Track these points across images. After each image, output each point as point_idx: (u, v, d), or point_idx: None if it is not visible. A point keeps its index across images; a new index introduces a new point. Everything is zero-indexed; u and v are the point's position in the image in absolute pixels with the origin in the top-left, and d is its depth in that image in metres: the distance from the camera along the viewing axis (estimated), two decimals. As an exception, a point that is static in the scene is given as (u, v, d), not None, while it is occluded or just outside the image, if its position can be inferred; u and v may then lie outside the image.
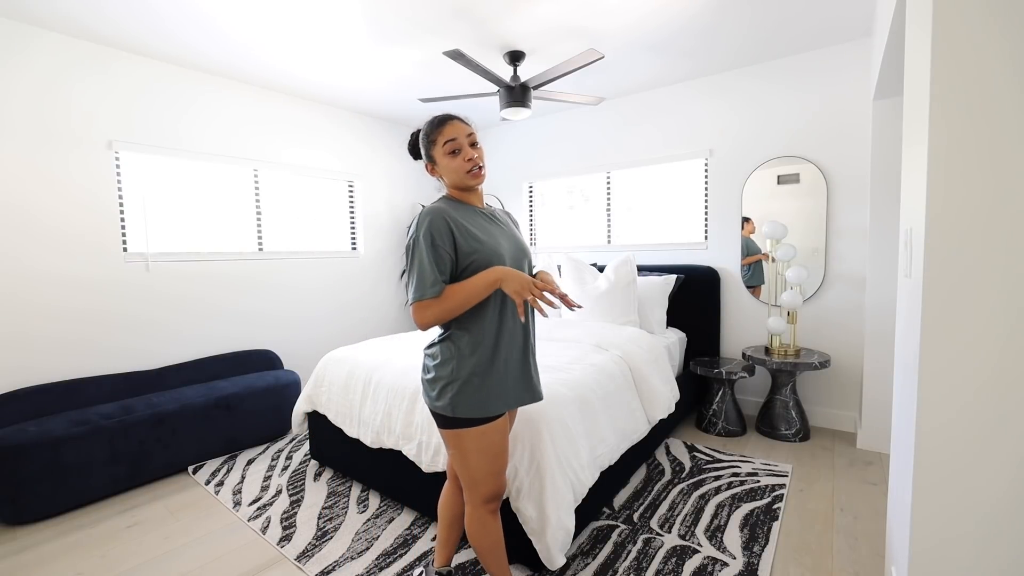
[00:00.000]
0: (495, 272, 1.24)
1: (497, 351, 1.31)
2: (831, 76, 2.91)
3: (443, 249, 1.24)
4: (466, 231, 1.28)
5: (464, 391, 1.28)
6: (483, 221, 1.36)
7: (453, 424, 1.31)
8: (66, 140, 2.58)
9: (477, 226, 1.32)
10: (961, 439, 1.07)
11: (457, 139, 1.32)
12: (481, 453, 1.32)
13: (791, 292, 2.84)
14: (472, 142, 1.34)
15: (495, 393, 1.30)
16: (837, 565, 1.75)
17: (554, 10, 2.39)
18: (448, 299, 1.24)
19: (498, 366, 1.31)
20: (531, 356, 1.41)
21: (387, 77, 3.26)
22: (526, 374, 1.38)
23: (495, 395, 1.30)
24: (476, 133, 1.37)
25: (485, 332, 1.30)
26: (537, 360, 1.47)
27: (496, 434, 1.33)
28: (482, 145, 1.38)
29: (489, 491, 1.36)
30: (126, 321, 2.81)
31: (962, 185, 1.04)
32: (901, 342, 1.41)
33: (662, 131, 3.59)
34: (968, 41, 1.01)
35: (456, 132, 1.32)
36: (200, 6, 2.29)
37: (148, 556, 1.90)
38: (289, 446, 2.93)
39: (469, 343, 1.30)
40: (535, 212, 4.44)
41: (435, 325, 1.27)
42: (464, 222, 1.30)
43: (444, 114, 1.36)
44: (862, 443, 2.72)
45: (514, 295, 1.22)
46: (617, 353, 2.46)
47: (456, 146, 1.32)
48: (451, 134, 1.32)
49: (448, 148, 1.32)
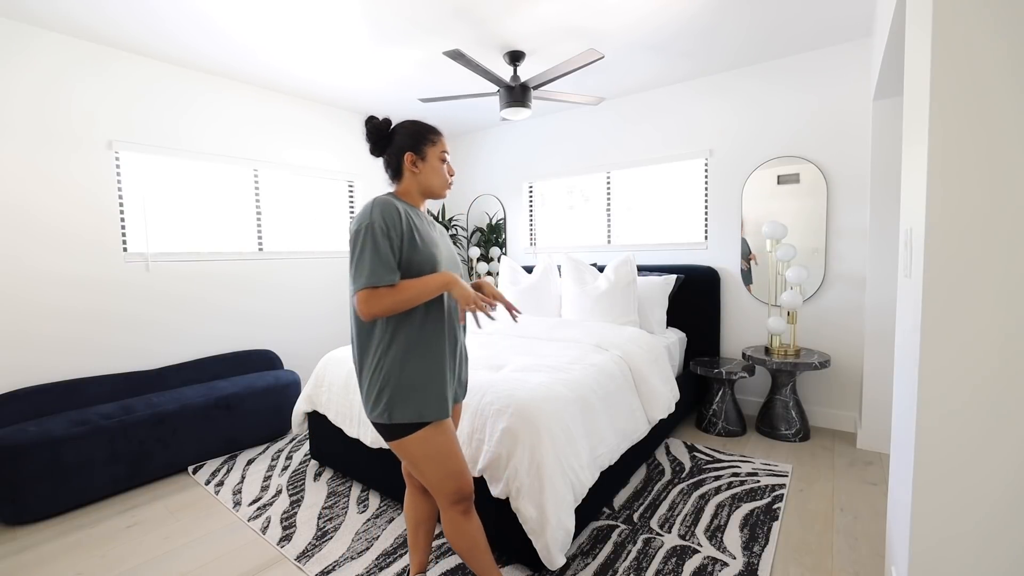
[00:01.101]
0: (446, 276, 1.26)
1: (431, 355, 1.28)
2: (831, 76, 2.91)
3: (395, 240, 1.23)
4: (417, 231, 1.30)
5: (397, 396, 1.25)
6: (427, 227, 1.39)
7: (393, 433, 1.28)
8: (66, 140, 2.58)
9: (424, 230, 1.35)
10: (961, 439, 1.07)
11: (448, 153, 1.44)
12: (429, 458, 1.29)
13: (791, 292, 2.84)
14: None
15: (432, 396, 1.27)
16: (837, 565, 1.75)
17: (554, 10, 2.39)
18: (403, 291, 1.20)
19: (432, 370, 1.28)
20: (460, 355, 1.44)
21: (387, 77, 3.26)
22: (456, 375, 1.42)
23: (432, 398, 1.27)
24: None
25: (417, 336, 1.27)
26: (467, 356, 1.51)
27: (440, 436, 1.29)
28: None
29: (452, 493, 1.32)
30: (126, 321, 2.81)
31: (962, 185, 1.04)
32: (901, 342, 1.41)
33: (662, 131, 3.59)
34: (968, 41, 1.01)
35: (447, 147, 1.49)
36: (200, 6, 2.29)
37: (148, 556, 1.90)
38: (289, 446, 2.93)
39: (401, 347, 1.26)
40: (535, 212, 4.44)
41: (382, 316, 1.20)
42: (418, 222, 1.33)
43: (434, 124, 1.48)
44: (862, 443, 2.72)
45: (461, 301, 1.25)
46: (617, 353, 2.46)
47: (447, 157, 1.44)
48: (446, 147, 1.43)
49: (442, 156, 1.41)
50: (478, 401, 1.84)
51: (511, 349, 2.58)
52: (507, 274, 3.69)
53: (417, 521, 1.57)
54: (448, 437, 1.32)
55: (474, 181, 4.80)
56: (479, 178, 4.76)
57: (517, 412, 1.72)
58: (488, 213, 4.70)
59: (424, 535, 1.58)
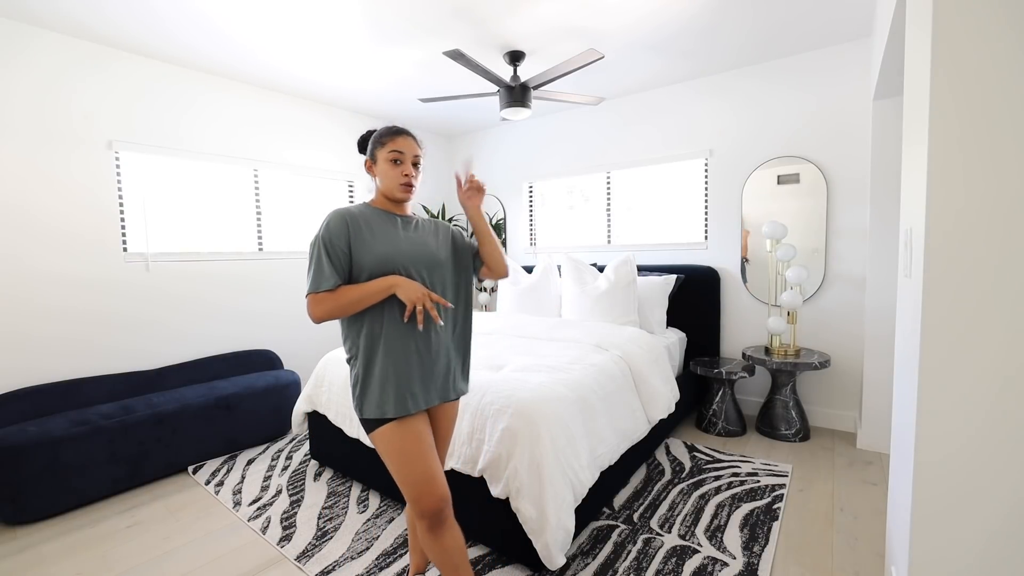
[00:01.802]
0: (389, 279, 1.28)
1: (394, 352, 1.31)
2: (831, 76, 2.91)
3: (339, 248, 1.29)
4: (363, 237, 1.32)
5: (365, 391, 1.31)
6: (392, 229, 1.37)
7: (365, 428, 1.33)
8: (66, 140, 2.58)
9: (381, 233, 1.35)
10: (961, 439, 1.07)
11: (404, 153, 1.38)
12: (390, 457, 1.30)
13: (791, 292, 2.84)
14: (415, 162, 1.40)
15: (392, 393, 1.29)
16: (837, 565, 1.75)
17: (554, 10, 2.39)
18: (341, 296, 1.27)
19: (396, 367, 1.30)
20: (440, 356, 1.38)
21: (387, 77, 3.26)
22: (430, 374, 1.36)
23: (392, 395, 1.29)
24: (422, 156, 1.43)
25: (382, 332, 1.31)
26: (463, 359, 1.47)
27: (402, 436, 1.29)
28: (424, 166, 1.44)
29: (413, 502, 1.30)
30: (126, 321, 2.81)
31: (962, 185, 1.04)
32: (901, 342, 1.41)
33: (662, 131, 3.59)
34: (968, 41, 1.01)
35: (405, 147, 1.38)
36: (200, 7, 2.29)
37: (148, 556, 1.90)
38: (289, 446, 2.93)
39: (365, 345, 1.31)
40: (535, 212, 4.44)
41: (327, 320, 1.29)
42: (367, 228, 1.34)
43: (402, 128, 1.41)
44: (862, 443, 2.72)
45: (407, 301, 1.26)
46: (617, 353, 2.46)
47: (399, 158, 1.38)
48: (401, 146, 1.38)
49: (392, 156, 1.37)
50: (478, 401, 1.85)
51: (511, 349, 2.58)
52: (507, 274, 3.68)
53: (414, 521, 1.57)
54: (411, 439, 1.30)
55: (474, 181, 4.80)
56: (479, 178, 4.75)
57: (517, 412, 1.72)
58: (488, 213, 4.70)
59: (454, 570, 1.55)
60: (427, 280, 1.37)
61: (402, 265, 1.33)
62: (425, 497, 1.29)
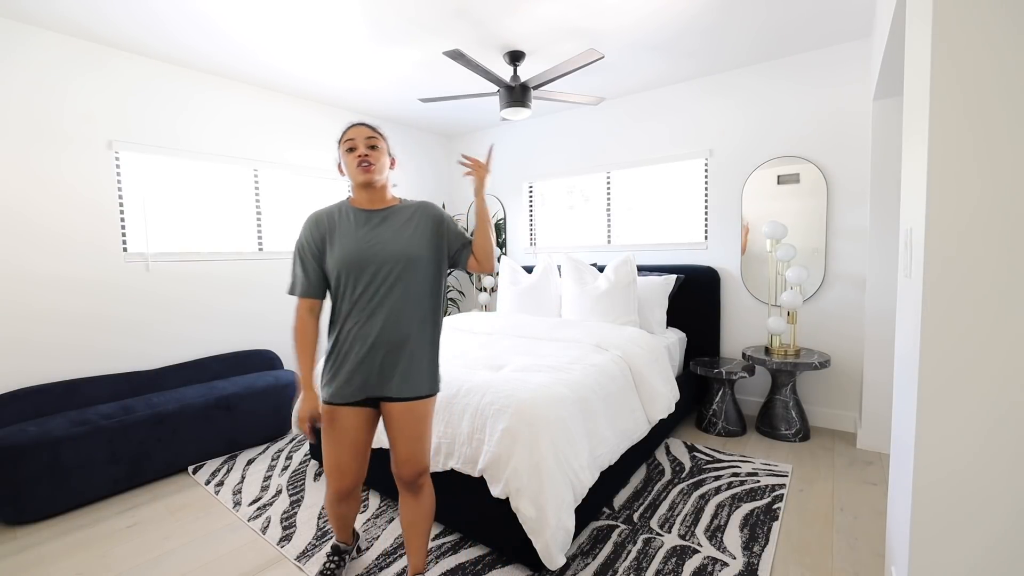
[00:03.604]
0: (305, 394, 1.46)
1: (338, 345, 1.45)
2: (831, 76, 2.91)
3: (310, 253, 1.46)
4: (331, 239, 1.45)
5: (323, 375, 1.49)
6: (353, 228, 1.44)
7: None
8: (66, 140, 2.58)
9: (342, 235, 1.44)
10: (961, 439, 1.07)
11: (355, 139, 1.44)
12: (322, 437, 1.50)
13: (791, 292, 2.84)
14: (371, 145, 1.45)
15: (333, 382, 1.45)
16: (837, 565, 1.75)
17: (554, 10, 2.39)
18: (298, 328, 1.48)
19: (338, 359, 1.44)
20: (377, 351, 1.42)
21: (387, 77, 3.26)
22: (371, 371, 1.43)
23: (332, 383, 1.45)
24: (381, 140, 1.48)
25: (333, 327, 1.48)
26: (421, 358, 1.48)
27: (328, 422, 1.46)
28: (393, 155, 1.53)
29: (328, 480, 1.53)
30: (126, 321, 2.81)
31: (962, 185, 1.04)
32: (901, 342, 1.41)
33: (662, 131, 3.59)
34: (968, 41, 1.01)
35: (355, 134, 1.45)
36: (199, 6, 2.29)
37: (148, 556, 1.90)
38: (289, 446, 2.93)
39: (329, 331, 1.50)
40: (535, 212, 4.44)
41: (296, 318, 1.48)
42: (333, 230, 1.45)
43: (355, 121, 1.50)
44: (862, 443, 2.72)
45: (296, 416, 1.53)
46: (617, 353, 2.46)
47: (353, 145, 1.44)
48: (351, 135, 1.45)
49: (346, 146, 1.45)
50: (478, 401, 1.84)
51: (511, 349, 2.58)
52: (507, 274, 3.69)
53: (407, 523, 1.57)
54: (339, 430, 1.46)
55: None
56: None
57: (517, 412, 1.72)
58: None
59: (415, 536, 1.57)
60: (375, 278, 1.41)
61: (353, 266, 1.41)
62: (335, 482, 1.52)
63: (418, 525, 1.57)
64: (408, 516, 1.57)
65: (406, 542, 1.59)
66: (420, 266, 1.46)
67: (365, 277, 1.41)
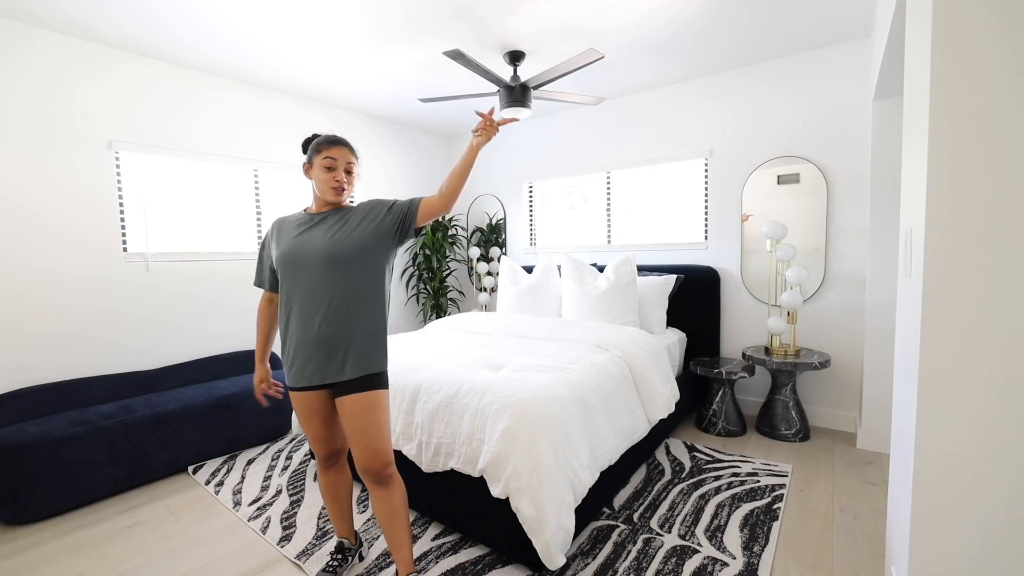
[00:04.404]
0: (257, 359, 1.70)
1: (287, 339, 1.55)
2: (831, 76, 2.91)
3: (264, 252, 1.64)
4: (277, 238, 1.57)
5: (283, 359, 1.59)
6: (301, 230, 1.54)
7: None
8: (67, 140, 2.58)
9: (289, 235, 1.54)
10: (961, 439, 1.07)
11: (337, 160, 1.52)
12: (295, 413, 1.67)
13: (791, 292, 2.84)
14: (348, 169, 1.55)
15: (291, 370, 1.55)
16: (837, 565, 1.75)
17: (554, 10, 2.39)
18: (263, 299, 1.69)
19: (289, 351, 1.55)
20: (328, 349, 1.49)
21: (387, 77, 3.26)
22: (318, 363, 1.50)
23: (290, 371, 1.55)
24: (357, 165, 1.58)
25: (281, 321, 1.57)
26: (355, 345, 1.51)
27: (293, 399, 1.59)
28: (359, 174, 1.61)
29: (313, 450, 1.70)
30: (126, 321, 2.81)
31: (962, 185, 1.04)
32: (901, 342, 1.41)
33: (662, 131, 3.59)
34: (968, 41, 1.01)
35: (339, 155, 1.52)
36: (201, 7, 2.29)
37: (148, 556, 1.90)
38: (289, 446, 2.93)
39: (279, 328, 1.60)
40: (535, 212, 4.44)
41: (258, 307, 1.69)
42: (283, 230, 1.57)
43: (338, 138, 1.54)
44: (862, 443, 2.72)
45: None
46: (617, 353, 2.46)
47: (332, 165, 1.52)
48: (335, 155, 1.52)
49: (326, 163, 1.52)
50: (478, 401, 1.84)
51: (511, 349, 2.58)
52: (507, 274, 3.69)
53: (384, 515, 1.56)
54: (297, 408, 1.60)
55: (474, 181, 4.80)
56: (479, 178, 4.76)
57: (517, 412, 1.72)
58: (488, 213, 4.70)
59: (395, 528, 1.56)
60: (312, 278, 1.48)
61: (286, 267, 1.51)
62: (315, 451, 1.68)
63: (395, 516, 1.56)
64: (383, 509, 1.56)
65: (388, 537, 1.56)
66: (353, 263, 1.50)
67: (297, 276, 1.50)
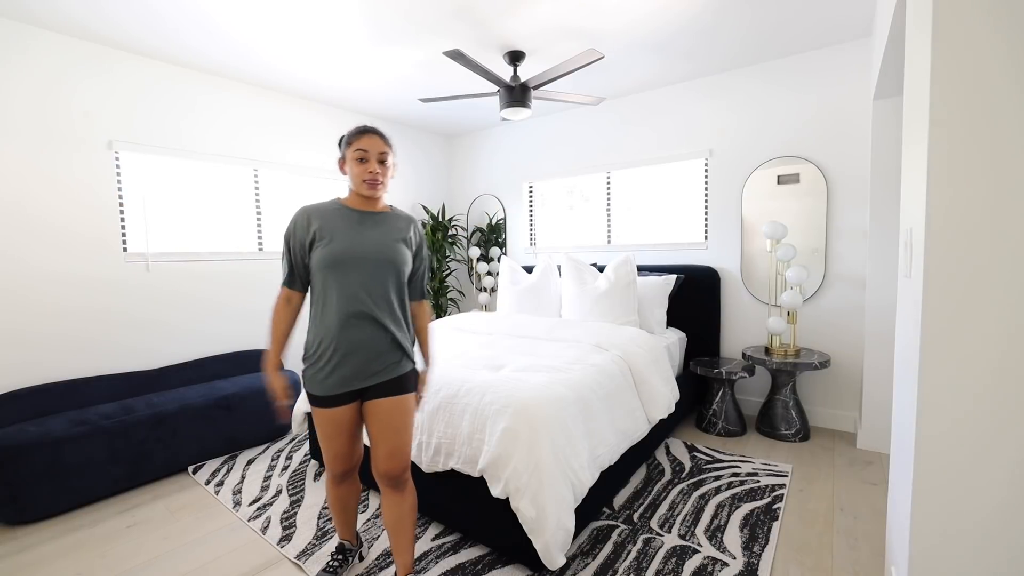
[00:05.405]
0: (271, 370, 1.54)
1: (322, 341, 1.45)
2: (831, 76, 2.91)
3: (298, 243, 1.47)
4: (321, 234, 1.44)
5: (305, 366, 1.50)
6: (348, 227, 1.46)
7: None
8: (67, 140, 2.58)
9: (336, 231, 1.45)
10: (961, 439, 1.07)
11: (368, 151, 1.45)
12: (316, 428, 1.54)
13: (791, 292, 2.84)
14: (381, 160, 1.47)
15: (315, 378, 1.47)
16: (837, 565, 1.75)
17: (554, 10, 2.39)
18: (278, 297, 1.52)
19: (319, 353, 1.45)
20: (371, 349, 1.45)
21: (387, 77, 3.26)
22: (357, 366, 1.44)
23: (314, 379, 1.47)
24: (391, 154, 1.51)
25: (315, 320, 1.48)
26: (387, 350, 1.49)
27: (320, 417, 1.49)
28: (396, 164, 1.53)
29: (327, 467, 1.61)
30: (126, 321, 2.81)
31: (962, 185, 1.04)
32: (901, 342, 1.41)
33: (662, 131, 3.59)
34: (968, 41, 1.01)
35: (369, 145, 1.46)
36: (201, 7, 2.29)
37: (148, 556, 1.90)
38: (289, 446, 2.93)
39: (310, 323, 1.50)
40: (535, 212, 4.44)
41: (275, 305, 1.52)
42: (330, 223, 1.45)
43: (368, 127, 1.48)
44: (862, 443, 2.72)
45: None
46: (617, 353, 2.46)
47: (364, 156, 1.46)
48: (365, 145, 1.46)
49: (357, 155, 1.46)
50: (478, 401, 1.84)
51: (511, 349, 2.58)
52: (507, 274, 3.69)
53: (394, 521, 1.57)
54: (331, 424, 1.50)
55: (474, 181, 4.80)
56: (479, 178, 4.76)
57: (517, 412, 1.72)
58: (488, 213, 4.70)
59: (403, 534, 1.57)
60: (369, 278, 1.44)
61: (346, 263, 1.42)
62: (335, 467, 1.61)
63: (404, 522, 1.57)
64: (395, 514, 1.56)
65: (394, 542, 1.58)
66: (402, 272, 1.52)
67: (351, 276, 1.43)
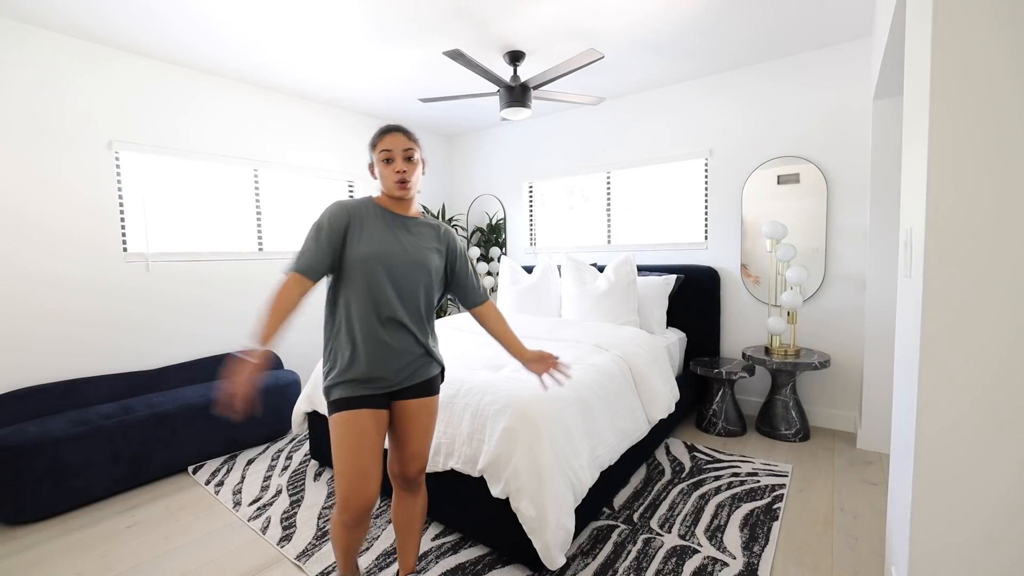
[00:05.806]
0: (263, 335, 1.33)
1: (355, 342, 1.35)
2: (831, 76, 2.91)
3: (333, 235, 1.35)
4: (358, 232, 1.37)
5: (329, 375, 1.38)
6: (386, 228, 1.39)
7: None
8: (66, 140, 2.58)
9: (374, 231, 1.38)
10: (961, 439, 1.07)
11: (392, 150, 1.38)
12: (335, 444, 1.35)
13: (791, 292, 2.84)
14: (408, 156, 1.40)
15: (341, 382, 1.35)
16: (837, 565, 1.75)
17: (554, 10, 2.39)
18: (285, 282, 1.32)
19: (354, 355, 1.35)
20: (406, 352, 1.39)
21: (387, 77, 3.26)
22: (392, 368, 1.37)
23: (341, 384, 1.35)
24: (417, 149, 1.42)
25: (338, 320, 1.38)
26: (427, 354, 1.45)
27: (344, 427, 1.33)
28: (424, 159, 1.46)
29: (339, 493, 1.34)
30: (126, 321, 2.81)
31: (962, 185, 1.04)
32: (901, 342, 1.41)
33: (662, 131, 3.59)
34: (968, 41, 1.01)
35: (393, 144, 1.39)
36: (199, 6, 2.29)
37: (148, 556, 1.90)
38: (289, 446, 2.93)
39: (331, 328, 1.39)
40: (535, 212, 4.44)
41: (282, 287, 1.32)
42: (363, 224, 1.38)
43: (391, 125, 1.42)
44: (862, 443, 2.72)
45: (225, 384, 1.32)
46: (617, 353, 2.46)
47: (390, 156, 1.39)
48: (389, 144, 1.39)
49: (383, 156, 1.39)
50: (478, 401, 1.85)
51: (511, 349, 2.58)
52: (507, 274, 3.69)
53: (404, 522, 1.57)
54: (355, 434, 1.33)
55: (474, 181, 4.80)
56: (479, 178, 4.76)
57: (517, 412, 1.72)
58: (488, 213, 4.70)
59: (412, 535, 1.58)
60: (402, 283, 1.38)
61: (384, 265, 1.36)
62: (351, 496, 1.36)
63: (415, 523, 1.57)
64: (407, 515, 1.56)
65: (401, 542, 1.58)
66: (434, 279, 1.47)
67: (392, 276, 1.37)
